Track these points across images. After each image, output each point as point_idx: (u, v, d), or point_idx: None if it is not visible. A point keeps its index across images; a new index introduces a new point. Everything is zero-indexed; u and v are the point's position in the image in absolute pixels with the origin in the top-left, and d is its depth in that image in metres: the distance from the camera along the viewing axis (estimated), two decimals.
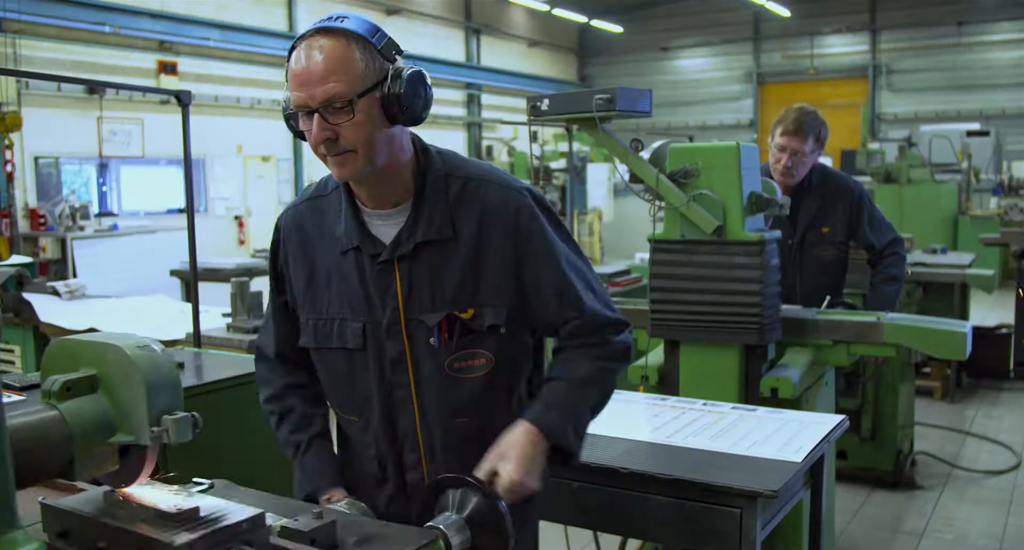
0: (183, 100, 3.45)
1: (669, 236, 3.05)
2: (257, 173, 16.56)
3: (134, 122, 14.46)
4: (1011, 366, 7.01)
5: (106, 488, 1.34)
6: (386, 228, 1.71)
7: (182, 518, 1.25)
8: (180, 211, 16.12)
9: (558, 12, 21.39)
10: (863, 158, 11.62)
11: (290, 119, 1.65)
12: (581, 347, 1.76)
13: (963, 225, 11.65)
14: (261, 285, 4.41)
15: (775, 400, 2.93)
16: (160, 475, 1.38)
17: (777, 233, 3.06)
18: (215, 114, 15.68)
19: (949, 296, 6.27)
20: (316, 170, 18.10)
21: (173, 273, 7.74)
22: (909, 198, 11.27)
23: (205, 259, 8.82)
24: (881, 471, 4.84)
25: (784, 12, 20.98)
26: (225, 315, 4.35)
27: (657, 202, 3.05)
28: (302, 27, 17.28)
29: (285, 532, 1.36)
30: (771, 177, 3.56)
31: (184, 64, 15.10)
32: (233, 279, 4.38)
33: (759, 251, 2.93)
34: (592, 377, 1.76)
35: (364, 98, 1.56)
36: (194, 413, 1.26)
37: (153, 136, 14.64)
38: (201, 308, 4.58)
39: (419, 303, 1.68)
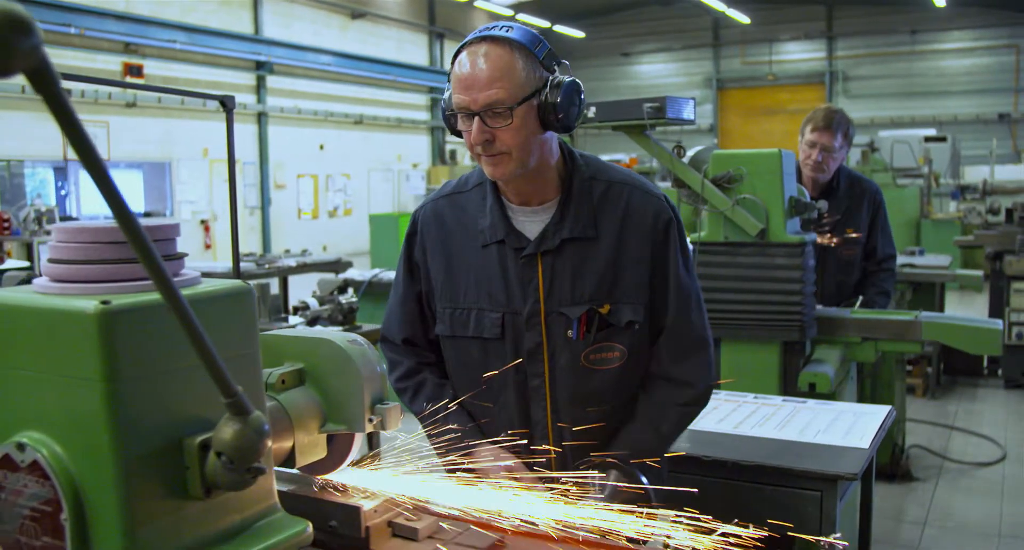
0: (227, 105, 3.50)
1: (712, 238, 3.19)
2: (223, 177, 16.40)
3: (99, 125, 14.22)
4: (984, 364, 7.31)
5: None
6: (531, 224, 1.82)
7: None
8: (146, 215, 15.92)
9: (521, 17, 21.55)
10: None
11: (449, 118, 1.75)
12: (668, 387, 1.87)
13: (925, 228, 12.03)
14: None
15: (812, 394, 3.09)
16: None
17: (813, 235, 3.23)
18: (181, 117, 15.50)
19: (930, 295, 6.52)
20: (282, 174, 18.01)
21: None
22: None
23: (188, 264, 8.74)
24: (880, 464, 5.02)
25: (744, 19, 21.41)
26: None
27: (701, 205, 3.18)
28: (268, 30, 17.24)
29: None
30: (799, 176, 3.71)
31: (150, 66, 14.90)
32: (253, 283, 4.46)
33: (800, 252, 3.08)
34: (675, 425, 1.90)
35: (523, 105, 1.67)
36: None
37: (118, 139, 14.44)
38: None
39: (559, 297, 1.79)
